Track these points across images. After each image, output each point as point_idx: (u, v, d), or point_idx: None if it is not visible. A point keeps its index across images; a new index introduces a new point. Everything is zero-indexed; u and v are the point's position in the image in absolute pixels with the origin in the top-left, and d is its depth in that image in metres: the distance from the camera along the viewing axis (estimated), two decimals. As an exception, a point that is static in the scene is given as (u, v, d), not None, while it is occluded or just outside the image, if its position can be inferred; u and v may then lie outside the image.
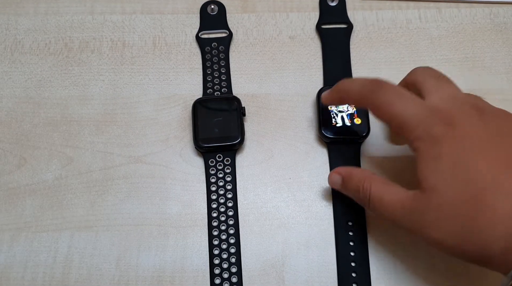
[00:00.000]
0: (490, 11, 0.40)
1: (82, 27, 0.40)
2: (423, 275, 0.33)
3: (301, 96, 0.38)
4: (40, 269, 0.33)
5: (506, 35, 0.39)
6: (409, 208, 0.26)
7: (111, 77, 0.39)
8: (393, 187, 0.28)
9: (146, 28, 0.40)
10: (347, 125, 0.35)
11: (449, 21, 0.40)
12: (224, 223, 0.34)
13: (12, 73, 0.39)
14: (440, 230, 0.25)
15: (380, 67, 0.38)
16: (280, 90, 0.38)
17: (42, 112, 0.38)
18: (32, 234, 0.34)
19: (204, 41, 0.40)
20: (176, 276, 0.33)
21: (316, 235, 0.34)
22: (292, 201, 0.35)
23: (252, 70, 0.39)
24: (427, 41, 0.39)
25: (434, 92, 0.28)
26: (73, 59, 0.39)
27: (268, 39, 0.40)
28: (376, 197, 0.28)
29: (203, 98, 0.37)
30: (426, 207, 0.26)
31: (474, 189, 0.24)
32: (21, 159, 0.36)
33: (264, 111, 0.37)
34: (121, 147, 0.36)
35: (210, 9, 0.41)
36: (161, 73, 0.39)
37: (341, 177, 0.32)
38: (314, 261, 0.33)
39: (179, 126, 0.37)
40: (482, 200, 0.24)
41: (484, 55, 0.39)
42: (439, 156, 0.26)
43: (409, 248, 0.33)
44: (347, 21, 0.40)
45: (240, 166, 0.36)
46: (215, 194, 0.35)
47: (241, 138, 0.35)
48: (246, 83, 0.38)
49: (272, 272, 0.33)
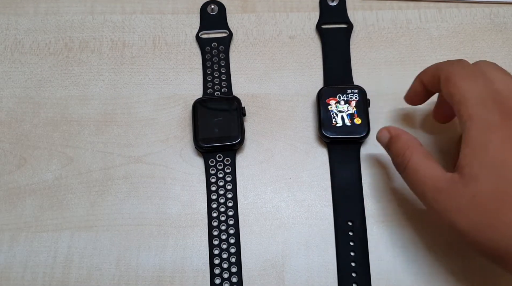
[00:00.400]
0: (490, 11, 0.40)
1: (82, 27, 0.40)
2: (423, 275, 0.33)
3: (301, 96, 0.38)
4: (40, 269, 0.33)
5: (506, 35, 0.39)
6: (442, 189, 0.26)
7: (111, 77, 0.39)
8: (433, 163, 0.28)
9: (146, 28, 0.40)
10: (347, 125, 0.35)
11: (449, 21, 0.40)
12: (224, 223, 0.34)
13: (12, 73, 0.39)
14: (467, 218, 0.25)
15: (380, 67, 0.38)
16: (280, 90, 0.38)
17: (42, 112, 0.38)
18: (32, 234, 0.34)
19: (204, 41, 0.40)
20: (176, 276, 0.33)
21: (316, 235, 0.34)
22: (292, 201, 0.35)
23: (252, 70, 0.39)
24: (427, 41, 0.39)
25: (500, 81, 0.27)
26: (73, 59, 0.39)
27: (268, 39, 0.40)
28: (412, 168, 0.28)
29: (203, 98, 0.37)
30: (460, 192, 0.25)
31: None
32: (21, 159, 0.36)
33: (264, 111, 0.37)
34: (121, 147, 0.36)
35: (210, 9, 0.41)
36: (161, 73, 0.39)
37: (389, 135, 0.31)
38: (314, 261, 0.33)
39: (179, 126, 0.37)
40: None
41: (484, 55, 0.39)
42: (488, 145, 0.25)
43: (409, 248, 0.33)
44: (347, 21, 0.40)
45: (240, 166, 0.36)
46: (215, 194, 0.35)
47: (241, 138, 0.35)
48: (246, 83, 0.38)
49: (272, 272, 0.33)
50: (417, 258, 0.33)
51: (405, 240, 0.33)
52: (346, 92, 0.36)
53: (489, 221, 0.24)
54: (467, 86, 0.27)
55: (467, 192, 0.25)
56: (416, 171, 0.28)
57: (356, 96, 0.36)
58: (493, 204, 0.24)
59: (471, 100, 0.26)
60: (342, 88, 0.36)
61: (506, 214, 0.24)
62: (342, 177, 0.35)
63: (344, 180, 0.35)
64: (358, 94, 0.36)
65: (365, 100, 0.36)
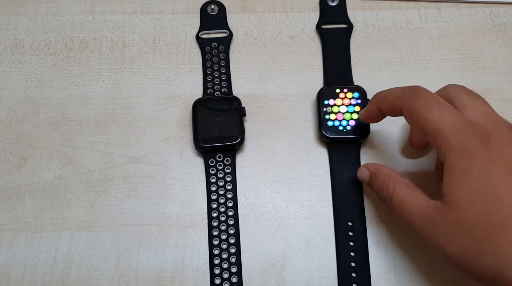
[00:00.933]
0: (490, 11, 0.40)
1: (82, 27, 0.40)
2: (423, 275, 0.33)
3: (301, 96, 0.38)
4: (40, 269, 0.33)
5: (506, 35, 0.39)
6: (427, 216, 0.27)
7: (111, 77, 0.39)
8: (415, 192, 0.28)
9: (146, 28, 0.40)
10: (347, 126, 0.35)
11: (449, 21, 0.40)
12: (224, 223, 0.34)
13: (12, 73, 0.39)
14: (453, 244, 0.25)
15: (380, 67, 0.38)
16: (280, 90, 0.38)
17: (42, 112, 0.38)
18: (32, 234, 0.34)
19: (204, 41, 0.40)
20: (176, 276, 0.33)
21: (316, 235, 0.34)
22: (292, 201, 0.35)
23: (252, 70, 0.39)
24: (427, 41, 0.39)
25: (470, 107, 0.28)
26: (73, 59, 0.39)
27: (268, 39, 0.40)
28: (397, 199, 0.29)
29: (203, 98, 0.37)
30: (444, 219, 0.26)
31: (500, 213, 0.24)
32: (21, 159, 0.36)
33: (264, 111, 0.37)
34: (121, 147, 0.36)
35: (210, 9, 0.41)
36: (161, 73, 0.39)
37: (369, 172, 0.32)
38: (314, 261, 0.33)
39: (179, 126, 0.37)
40: (506, 224, 0.24)
41: (484, 55, 0.39)
42: (468, 171, 0.25)
43: (409, 248, 0.33)
44: (347, 21, 0.40)
45: (240, 166, 0.36)
46: (215, 194, 0.35)
47: (241, 139, 0.35)
48: (246, 83, 0.38)
49: (272, 272, 0.33)
50: (416, 258, 0.33)
51: (405, 240, 0.33)
52: (346, 92, 0.36)
53: (476, 245, 0.24)
54: (436, 118, 0.27)
55: (451, 219, 0.25)
56: (401, 202, 0.28)
57: (356, 96, 0.36)
58: (478, 229, 0.24)
59: (446, 132, 0.26)
60: (342, 88, 0.36)
61: (494, 237, 0.24)
62: (342, 177, 0.35)
63: (344, 180, 0.35)
64: (358, 95, 0.36)
65: (365, 100, 0.36)
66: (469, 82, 0.38)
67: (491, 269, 0.24)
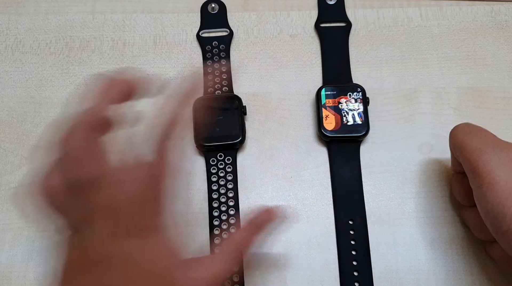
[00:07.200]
0: (491, 9, 0.40)
1: (83, 26, 0.40)
2: (425, 274, 0.33)
3: (302, 95, 0.38)
4: (42, 269, 0.33)
5: (507, 33, 0.39)
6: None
7: (112, 76, 0.39)
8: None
9: (146, 27, 0.40)
10: (346, 124, 0.35)
11: (450, 19, 0.40)
12: (225, 221, 0.34)
13: (13, 73, 0.39)
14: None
15: (381, 65, 0.38)
16: (281, 89, 0.38)
17: (43, 111, 0.38)
18: (34, 233, 0.34)
19: (205, 40, 0.40)
20: (178, 275, 0.33)
21: (318, 234, 0.34)
22: (293, 200, 0.35)
23: (253, 69, 0.39)
24: (428, 39, 0.39)
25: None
26: (74, 58, 0.39)
27: (268, 38, 0.40)
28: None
29: (204, 97, 0.37)
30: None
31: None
32: (22, 159, 0.36)
33: (265, 110, 0.37)
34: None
35: (210, 7, 0.41)
36: (161, 72, 0.39)
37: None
38: (316, 260, 0.33)
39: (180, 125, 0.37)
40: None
41: (485, 53, 0.39)
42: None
43: (410, 246, 0.33)
44: (345, 19, 0.40)
45: (241, 165, 0.36)
46: (216, 192, 0.35)
47: (242, 137, 0.35)
48: (247, 82, 0.38)
49: (273, 272, 0.33)
50: (418, 256, 0.33)
51: (406, 238, 0.33)
52: (345, 91, 0.36)
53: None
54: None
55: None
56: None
57: (355, 94, 0.36)
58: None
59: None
60: (341, 87, 0.36)
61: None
62: (342, 176, 0.35)
63: (344, 179, 0.35)
64: (357, 93, 0.36)
65: (364, 99, 0.36)
66: (470, 80, 0.37)
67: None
